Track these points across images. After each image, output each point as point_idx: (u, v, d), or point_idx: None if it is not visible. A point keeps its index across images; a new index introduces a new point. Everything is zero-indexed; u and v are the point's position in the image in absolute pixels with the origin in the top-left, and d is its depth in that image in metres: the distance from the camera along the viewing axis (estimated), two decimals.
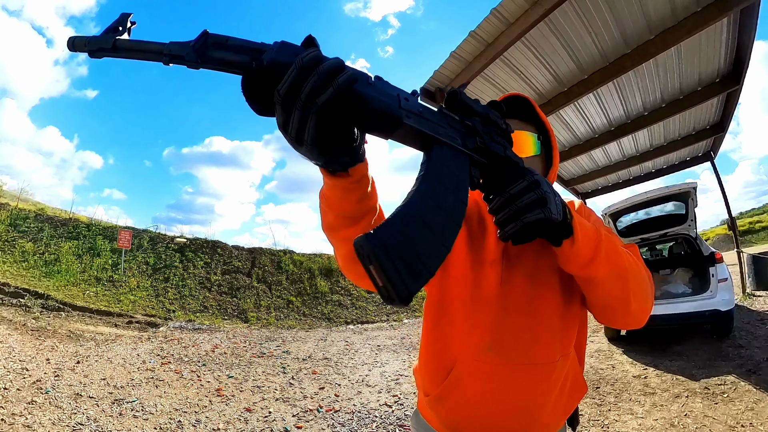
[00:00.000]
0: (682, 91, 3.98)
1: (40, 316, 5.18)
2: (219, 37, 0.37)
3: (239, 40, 0.37)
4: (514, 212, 0.47)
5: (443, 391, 0.67)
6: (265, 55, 0.36)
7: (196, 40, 0.37)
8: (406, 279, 0.33)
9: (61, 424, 2.38)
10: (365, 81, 0.39)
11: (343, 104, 0.36)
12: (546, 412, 0.65)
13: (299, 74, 0.34)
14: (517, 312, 0.64)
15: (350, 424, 2.74)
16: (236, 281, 8.88)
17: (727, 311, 3.47)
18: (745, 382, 2.72)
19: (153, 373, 3.65)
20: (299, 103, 0.34)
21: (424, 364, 0.74)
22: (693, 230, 4.56)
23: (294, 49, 0.37)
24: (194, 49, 0.36)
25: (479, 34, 3.04)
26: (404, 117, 0.40)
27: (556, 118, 4.38)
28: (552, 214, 0.47)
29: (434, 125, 0.44)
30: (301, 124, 0.35)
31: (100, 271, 7.87)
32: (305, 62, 0.34)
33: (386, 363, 4.49)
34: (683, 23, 2.90)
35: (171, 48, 0.37)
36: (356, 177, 0.48)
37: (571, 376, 0.68)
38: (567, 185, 6.71)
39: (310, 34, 0.40)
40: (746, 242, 21.08)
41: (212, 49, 0.37)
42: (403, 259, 0.33)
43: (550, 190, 0.50)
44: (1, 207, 8.49)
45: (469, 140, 0.49)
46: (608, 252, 0.55)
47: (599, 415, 2.61)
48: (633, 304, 0.59)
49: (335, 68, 0.35)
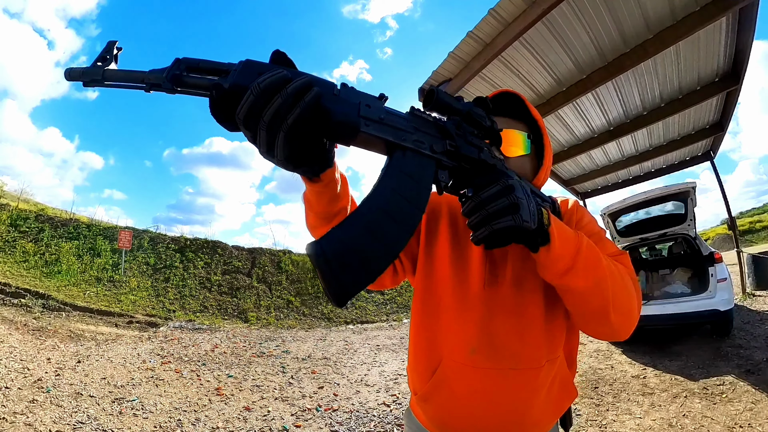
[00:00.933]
0: (682, 91, 3.97)
1: (41, 316, 5.20)
2: (191, 61, 0.39)
3: (210, 63, 0.39)
4: (485, 217, 0.46)
5: (429, 389, 0.67)
6: (228, 77, 0.37)
7: (169, 68, 0.39)
8: (344, 284, 0.36)
9: (62, 422, 2.39)
10: (330, 93, 0.40)
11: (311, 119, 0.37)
12: (532, 414, 0.64)
13: (257, 98, 0.35)
14: (502, 314, 0.64)
15: (348, 423, 2.74)
16: (236, 281, 8.90)
17: (727, 311, 3.47)
18: (744, 383, 2.72)
19: (153, 372, 3.66)
20: (263, 125, 0.36)
21: (412, 362, 0.74)
22: (692, 230, 4.56)
23: (258, 68, 0.38)
24: (167, 78, 0.38)
25: (477, 34, 3.04)
26: (362, 125, 0.41)
27: (555, 118, 4.38)
28: (523, 221, 0.46)
29: (396, 131, 0.44)
30: (269, 142, 0.37)
31: (100, 271, 7.90)
32: (262, 87, 0.35)
33: (385, 363, 4.50)
34: (682, 22, 2.89)
35: (149, 76, 0.39)
36: (326, 181, 0.50)
37: (558, 379, 0.67)
38: (566, 185, 6.71)
39: (277, 49, 0.41)
40: (746, 242, 21.03)
41: (186, 75, 0.39)
42: (341, 266, 0.36)
43: (523, 195, 0.48)
44: (1, 207, 8.51)
45: (438, 143, 0.48)
46: (587, 263, 0.54)
47: (597, 415, 2.61)
48: (613, 317, 0.56)
49: (301, 88, 0.36)
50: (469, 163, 0.51)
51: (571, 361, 0.71)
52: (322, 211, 0.56)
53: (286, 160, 0.39)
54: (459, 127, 0.52)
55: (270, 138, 0.36)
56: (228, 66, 0.39)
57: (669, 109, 4.18)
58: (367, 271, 0.38)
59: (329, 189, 0.52)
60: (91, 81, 0.41)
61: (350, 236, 0.38)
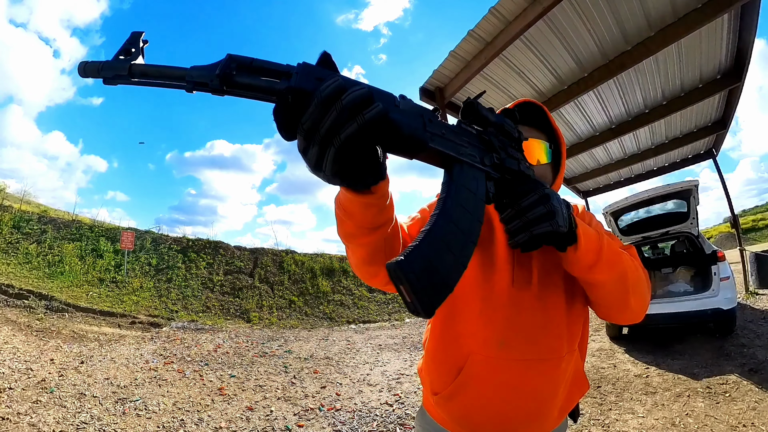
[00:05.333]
0: (683, 89, 3.96)
1: (44, 317, 5.22)
2: (243, 60, 0.35)
3: (263, 62, 0.35)
4: (525, 224, 0.51)
5: (455, 388, 0.68)
6: (291, 80, 0.34)
7: (220, 66, 0.34)
8: (431, 296, 0.38)
9: (66, 423, 2.40)
10: (393, 105, 0.39)
11: (371, 134, 0.35)
12: (554, 404, 0.68)
13: (321, 109, 0.33)
14: (528, 310, 0.67)
15: (351, 423, 2.75)
16: (238, 281, 8.92)
17: (730, 310, 3.46)
18: (747, 382, 2.70)
19: (156, 372, 3.67)
20: (317, 138, 0.33)
21: (432, 363, 0.74)
22: (695, 228, 4.54)
23: (315, 72, 0.35)
24: (219, 76, 0.34)
25: (478, 33, 3.03)
26: (429, 140, 0.41)
27: (557, 116, 4.36)
28: (559, 227, 0.51)
29: (455, 145, 0.46)
30: (319, 156, 0.35)
31: (103, 272, 7.93)
32: (324, 96, 0.33)
33: (387, 362, 4.50)
34: (684, 20, 2.88)
35: (193, 74, 0.35)
36: (378, 194, 0.47)
37: (573, 371, 0.72)
38: (568, 183, 6.69)
39: (324, 50, 0.38)
40: (749, 240, 20.92)
41: (238, 74, 0.34)
42: (428, 280, 0.37)
43: (558, 203, 0.52)
44: (4, 209, 8.55)
45: (487, 157, 0.50)
46: (609, 257, 0.59)
47: (600, 414, 2.60)
48: (632, 302, 0.63)
49: (360, 102, 0.33)
50: (511, 174, 0.54)
51: (583, 353, 0.76)
52: (366, 223, 0.52)
53: (333, 176, 0.36)
54: (501, 140, 0.55)
55: (321, 152, 0.34)
56: (286, 68, 0.35)
57: (671, 107, 4.16)
58: (447, 284, 0.39)
59: (380, 202, 0.49)
60: (115, 77, 0.36)
61: (433, 254, 0.39)
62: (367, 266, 0.59)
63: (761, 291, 5.63)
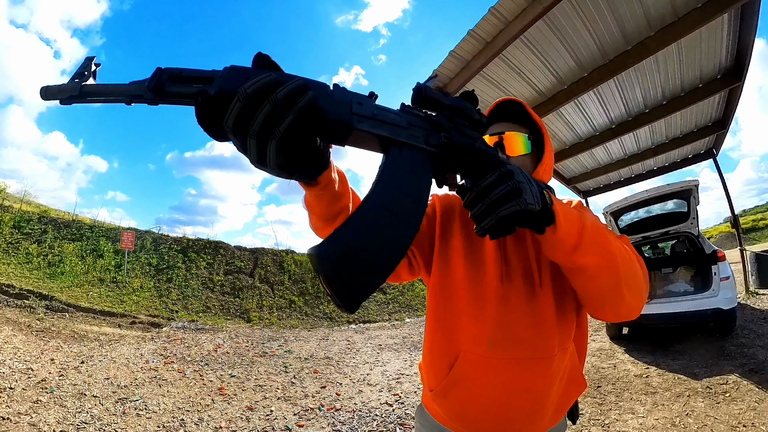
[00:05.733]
0: (684, 88, 3.95)
1: (45, 316, 5.22)
2: (173, 71, 0.37)
3: (193, 71, 0.37)
4: (488, 206, 0.45)
5: (447, 384, 0.68)
6: (213, 84, 0.36)
7: (150, 79, 0.37)
8: (353, 287, 0.35)
9: (66, 422, 2.40)
10: (324, 93, 0.39)
11: (305, 123, 0.36)
12: (548, 403, 0.66)
13: (245, 105, 0.33)
14: (517, 308, 0.66)
15: (351, 423, 2.75)
16: (239, 281, 8.92)
17: (730, 310, 3.45)
18: (748, 382, 2.70)
19: (156, 372, 3.68)
20: (252, 133, 0.34)
21: (428, 359, 0.75)
22: (695, 228, 4.53)
23: (244, 73, 0.36)
24: (150, 88, 0.36)
25: (478, 32, 3.03)
26: (355, 122, 0.40)
27: (557, 116, 4.36)
28: (528, 204, 0.46)
29: (391, 127, 0.44)
30: (260, 151, 0.35)
31: (103, 272, 7.93)
32: (250, 92, 0.33)
33: (387, 362, 4.50)
34: (683, 19, 2.88)
35: (130, 89, 0.37)
36: (323, 183, 0.50)
37: (569, 369, 0.70)
38: (568, 183, 6.69)
39: (259, 51, 0.38)
40: (750, 240, 20.91)
41: (168, 84, 0.37)
42: (349, 269, 0.35)
43: (524, 179, 0.47)
44: (5, 209, 8.56)
45: (433, 137, 0.47)
46: (594, 237, 0.54)
47: (600, 414, 2.60)
48: (626, 293, 0.57)
49: (294, 92, 0.34)
50: (465, 153, 0.51)
51: (581, 352, 0.74)
52: (323, 213, 0.55)
53: (279, 168, 0.38)
54: (451, 120, 0.51)
55: (261, 147, 0.35)
56: (213, 73, 0.37)
57: (671, 107, 4.16)
58: (376, 272, 0.37)
59: (328, 190, 0.52)
60: (69, 98, 0.39)
61: (353, 237, 0.36)
62: None
63: (761, 291, 5.63)
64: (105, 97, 0.39)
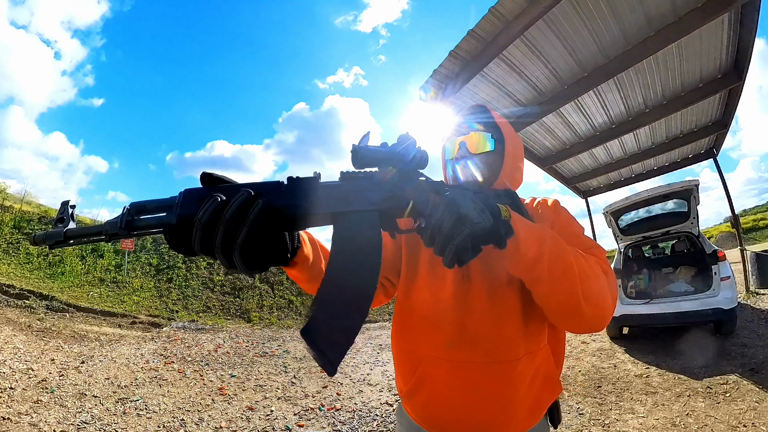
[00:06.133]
0: (684, 88, 3.95)
1: (45, 317, 5.23)
2: (139, 204, 0.42)
3: (154, 202, 0.43)
4: (444, 240, 0.48)
5: (412, 386, 0.71)
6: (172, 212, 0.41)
7: (121, 217, 0.42)
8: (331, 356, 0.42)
9: (66, 422, 2.41)
10: (278, 192, 0.45)
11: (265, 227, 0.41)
12: (515, 407, 0.66)
13: (203, 232, 0.39)
14: (477, 312, 0.67)
15: (351, 423, 2.75)
16: (239, 281, 8.92)
17: (730, 310, 3.45)
18: (748, 382, 2.70)
19: (156, 372, 3.68)
20: (217, 250, 0.39)
21: (396, 361, 0.78)
22: (695, 228, 4.53)
23: (197, 195, 0.41)
24: (122, 227, 0.41)
25: (478, 32, 3.02)
26: (310, 210, 0.46)
27: (557, 116, 4.36)
28: (476, 224, 0.48)
29: (335, 201, 0.48)
30: (228, 263, 0.40)
31: (103, 272, 7.94)
32: (203, 221, 0.39)
33: (388, 362, 4.50)
34: (684, 19, 2.87)
35: (106, 228, 0.42)
36: (300, 263, 0.56)
37: (541, 373, 0.69)
38: (568, 183, 6.68)
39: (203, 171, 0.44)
40: (750, 239, 20.89)
41: (136, 219, 0.42)
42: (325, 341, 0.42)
43: (465, 201, 0.49)
44: (5, 210, 8.57)
45: (374, 194, 0.51)
46: (553, 251, 0.55)
47: (600, 414, 2.60)
48: (585, 308, 0.56)
49: (241, 207, 0.39)
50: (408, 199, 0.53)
51: (557, 355, 0.73)
52: (307, 279, 0.61)
53: (249, 271, 0.41)
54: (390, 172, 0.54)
55: (228, 259, 0.39)
56: (171, 200, 0.42)
57: (671, 107, 4.15)
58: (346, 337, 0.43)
59: (305, 265, 0.58)
60: (56, 243, 0.43)
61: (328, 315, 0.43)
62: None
63: (762, 291, 5.62)
64: (87, 238, 0.43)
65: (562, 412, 1.21)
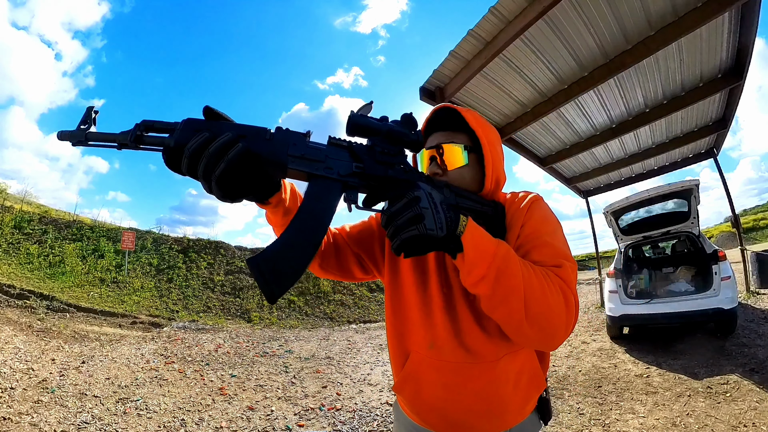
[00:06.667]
0: (684, 88, 3.95)
1: (45, 317, 5.23)
2: (149, 123, 0.49)
3: (162, 123, 0.49)
4: (395, 229, 0.51)
5: (401, 380, 0.73)
6: (172, 135, 0.48)
7: (132, 131, 0.48)
8: (272, 285, 0.48)
9: (67, 422, 2.41)
10: (262, 138, 0.50)
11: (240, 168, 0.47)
12: (500, 404, 0.66)
13: (190, 160, 0.46)
14: (459, 313, 0.69)
15: (351, 423, 2.75)
16: (239, 281, 8.92)
17: (731, 309, 3.45)
18: (748, 381, 2.70)
19: (157, 372, 3.68)
20: (199, 176, 0.46)
21: (390, 354, 0.80)
22: (696, 228, 4.53)
23: (195, 125, 0.48)
24: (131, 140, 0.48)
25: (478, 32, 3.03)
26: (288, 162, 0.51)
27: (557, 116, 4.36)
28: (427, 230, 0.50)
29: (312, 163, 0.53)
30: (207, 188, 0.47)
31: (104, 272, 7.94)
32: (191, 151, 0.45)
33: (388, 362, 4.50)
34: (684, 18, 2.87)
35: (119, 137, 0.48)
36: (273, 204, 0.60)
37: (526, 371, 0.70)
38: (568, 183, 6.68)
39: (206, 105, 0.51)
40: (750, 239, 20.87)
41: (145, 135, 0.48)
42: (271, 272, 0.48)
43: (429, 206, 0.52)
44: (5, 210, 8.57)
45: (344, 167, 0.56)
46: (500, 273, 0.54)
47: (601, 414, 2.60)
48: (528, 330, 0.55)
49: (223, 147, 0.45)
50: (378, 180, 0.58)
51: (540, 354, 0.74)
52: (280, 224, 0.65)
53: (223, 198, 0.48)
54: (371, 149, 0.58)
55: (207, 185, 0.47)
56: (174, 125, 0.49)
57: (671, 106, 4.15)
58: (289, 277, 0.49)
59: (279, 208, 0.62)
60: (77, 142, 0.50)
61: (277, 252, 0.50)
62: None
63: (762, 290, 5.62)
64: (102, 142, 0.50)
65: (563, 413, 1.19)
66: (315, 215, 0.53)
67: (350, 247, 0.82)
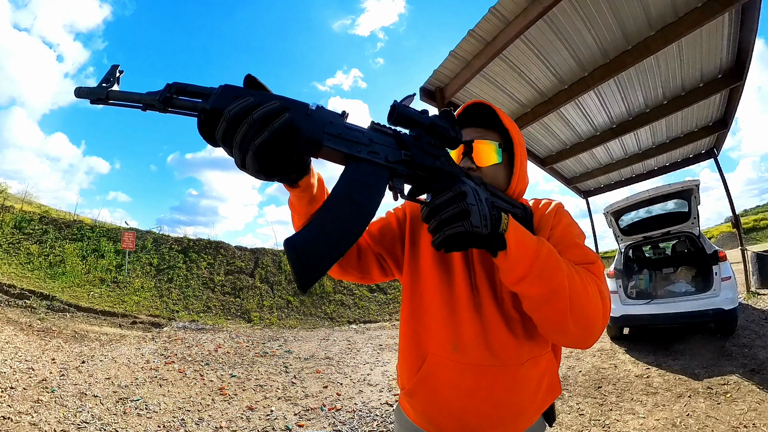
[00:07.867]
0: (684, 88, 3.95)
1: (46, 316, 5.23)
2: (180, 85, 0.45)
3: (195, 87, 0.45)
4: (439, 223, 0.49)
5: (416, 384, 0.70)
6: (208, 100, 0.43)
7: (162, 91, 0.44)
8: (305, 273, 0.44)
9: (67, 422, 2.41)
10: (303, 113, 0.47)
11: (281, 140, 0.43)
12: (520, 411, 0.66)
13: (229, 124, 0.41)
14: (485, 315, 0.67)
15: (351, 423, 2.75)
16: (239, 281, 8.92)
17: (731, 310, 3.44)
18: (749, 382, 2.70)
19: (157, 372, 3.68)
20: (235, 144, 0.41)
21: (400, 358, 0.77)
22: (696, 228, 4.53)
23: (234, 92, 0.44)
24: (160, 100, 0.44)
25: (478, 32, 3.03)
26: (324, 140, 0.48)
27: (557, 116, 4.36)
28: (473, 227, 0.48)
29: (352, 144, 0.50)
30: (241, 159, 0.42)
31: (104, 272, 7.94)
32: (231, 114, 0.41)
33: (388, 362, 4.50)
34: (684, 19, 2.87)
35: (145, 98, 0.45)
36: (303, 187, 0.56)
37: (548, 375, 0.70)
38: (569, 183, 6.68)
39: (248, 73, 0.46)
40: (751, 240, 20.85)
41: (175, 98, 0.44)
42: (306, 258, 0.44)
43: (475, 202, 0.50)
44: (5, 210, 8.58)
45: (393, 153, 0.53)
46: (544, 270, 0.55)
47: (600, 415, 2.60)
48: (571, 327, 0.57)
49: (269, 114, 0.41)
50: (425, 170, 0.55)
51: (557, 355, 0.75)
52: (303, 212, 0.61)
53: (257, 173, 0.44)
54: (417, 139, 0.56)
55: (242, 156, 0.42)
56: (210, 90, 0.44)
57: (672, 107, 4.15)
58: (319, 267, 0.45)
59: (307, 193, 0.58)
60: (97, 99, 0.46)
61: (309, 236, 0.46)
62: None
63: (762, 291, 5.62)
64: (125, 102, 0.46)
65: (563, 413, 1.19)
66: (358, 202, 0.49)
67: (371, 247, 0.79)
